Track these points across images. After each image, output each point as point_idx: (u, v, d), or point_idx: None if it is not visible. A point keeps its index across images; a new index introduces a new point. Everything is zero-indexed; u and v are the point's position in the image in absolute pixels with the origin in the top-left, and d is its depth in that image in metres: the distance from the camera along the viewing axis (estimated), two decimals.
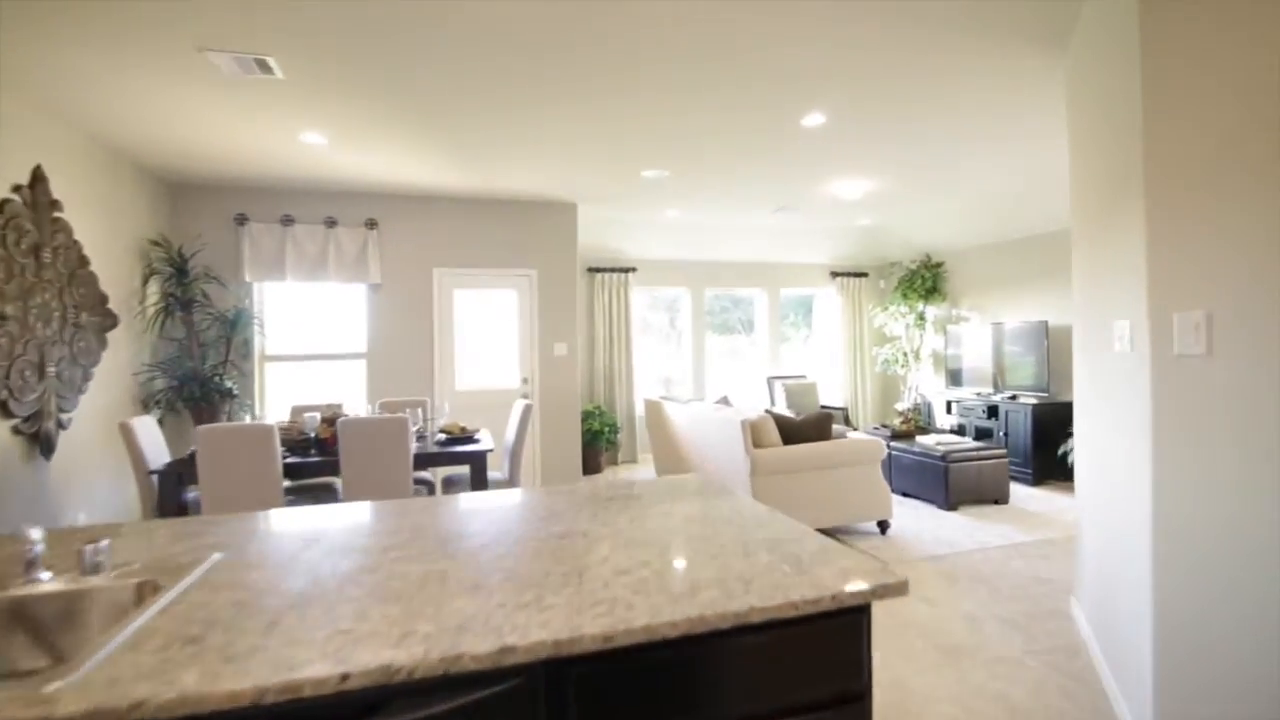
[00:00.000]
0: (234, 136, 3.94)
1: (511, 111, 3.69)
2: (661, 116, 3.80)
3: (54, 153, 3.67)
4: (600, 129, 3.98)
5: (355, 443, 3.43)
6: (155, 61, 3.01)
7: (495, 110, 3.67)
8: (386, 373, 5.53)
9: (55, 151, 3.68)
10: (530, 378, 5.88)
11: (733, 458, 4.20)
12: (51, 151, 3.65)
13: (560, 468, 5.94)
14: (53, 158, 3.66)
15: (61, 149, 3.74)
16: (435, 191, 5.44)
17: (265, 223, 5.22)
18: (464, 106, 3.60)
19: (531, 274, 5.86)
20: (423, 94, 3.42)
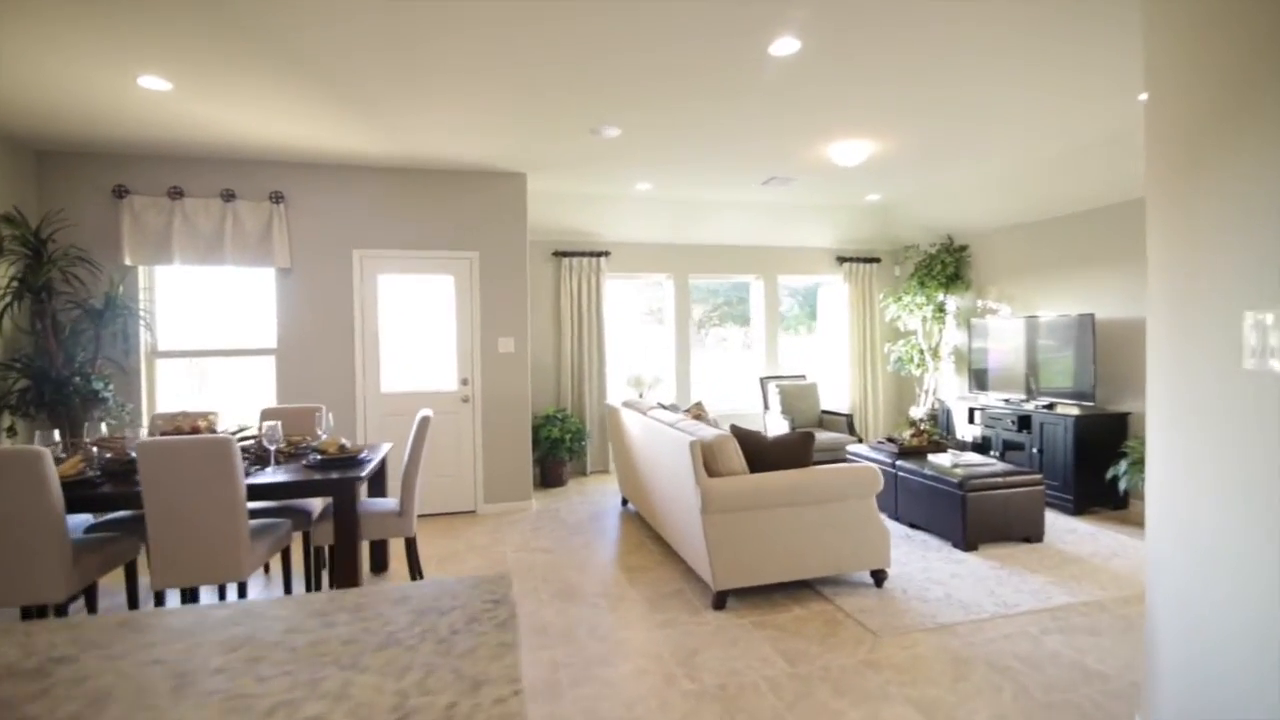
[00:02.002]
0: (58, 78, 3.12)
1: (401, 49, 2.81)
2: (592, 53, 2.88)
3: None
4: (517, 73, 3.08)
5: (161, 471, 2.59)
6: None
7: (379, 48, 2.78)
8: (299, 371, 4.73)
9: None
10: (471, 378, 5.02)
11: (685, 488, 3.29)
12: None
13: (507, 482, 5.09)
14: None
15: None
16: (352, 160, 4.59)
17: (150, 195, 4.43)
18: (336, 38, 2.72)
19: (472, 257, 4.99)
20: (277, 25, 2.55)
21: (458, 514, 4.99)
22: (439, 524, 4.75)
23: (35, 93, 3.29)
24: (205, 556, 2.68)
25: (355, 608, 1.14)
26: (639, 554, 4.01)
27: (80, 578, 2.67)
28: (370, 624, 1.08)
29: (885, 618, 2.99)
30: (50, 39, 2.73)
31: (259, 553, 2.84)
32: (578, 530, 4.54)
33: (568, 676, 2.56)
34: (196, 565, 2.68)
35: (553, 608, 3.23)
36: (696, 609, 3.16)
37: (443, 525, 4.71)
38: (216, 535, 2.68)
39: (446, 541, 4.34)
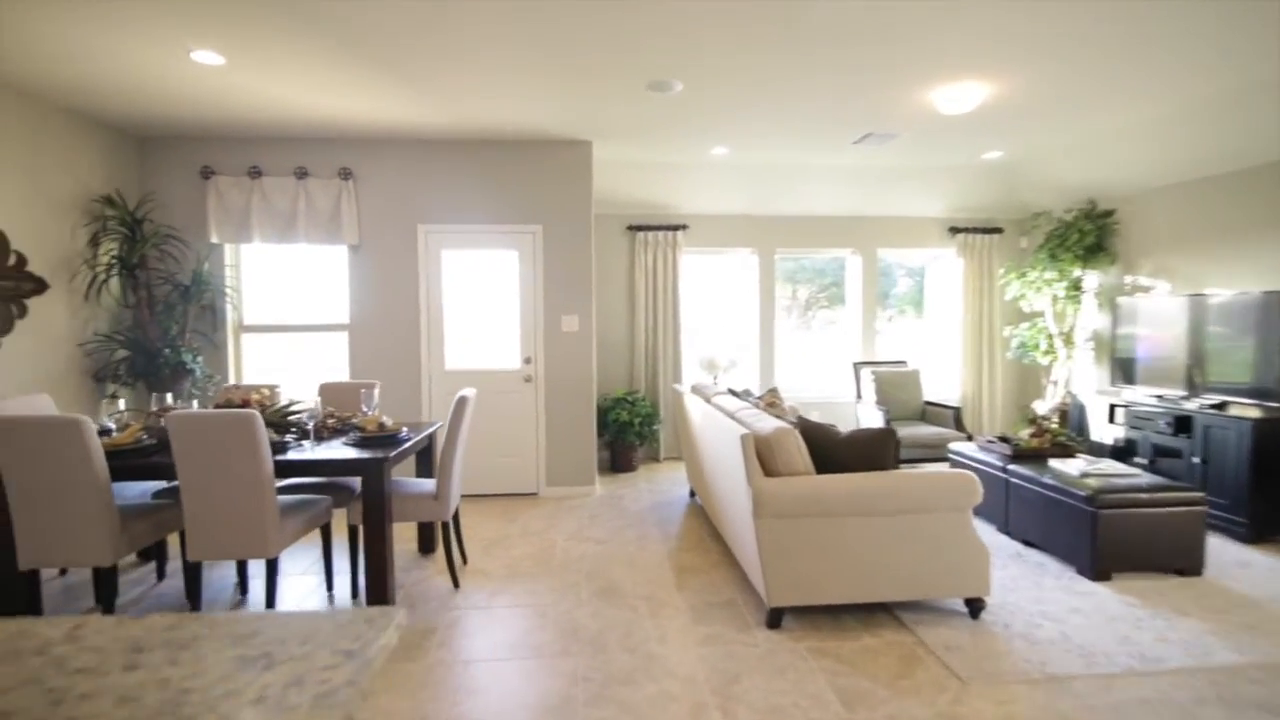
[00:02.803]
0: (120, 56, 3.20)
1: (441, 8, 2.59)
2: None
3: None
4: (564, 22, 2.76)
5: (192, 444, 2.58)
6: None
7: (421, 13, 2.58)
8: (368, 347, 4.77)
9: None
10: (534, 357, 4.85)
11: (738, 486, 2.89)
12: None
13: (570, 465, 4.89)
14: None
15: None
16: (415, 133, 4.51)
17: (232, 176, 4.59)
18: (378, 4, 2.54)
19: (535, 230, 4.79)
20: None
21: (519, 496, 4.87)
22: (499, 505, 4.64)
23: (105, 75, 3.40)
24: (233, 531, 2.66)
25: (178, 645, 0.89)
26: (695, 553, 3.65)
27: (129, 543, 2.73)
28: (166, 673, 0.82)
29: (978, 659, 2.45)
30: (102, 16, 2.76)
31: (289, 530, 2.78)
32: (636, 521, 4.25)
33: (584, 693, 2.28)
34: (226, 539, 2.66)
35: (589, 607, 2.96)
36: (746, 625, 2.76)
37: (502, 507, 4.60)
38: (243, 510, 2.64)
39: (500, 524, 4.20)
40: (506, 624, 2.82)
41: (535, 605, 3.00)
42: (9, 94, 3.60)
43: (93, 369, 4.17)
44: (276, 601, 3.05)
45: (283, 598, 3.12)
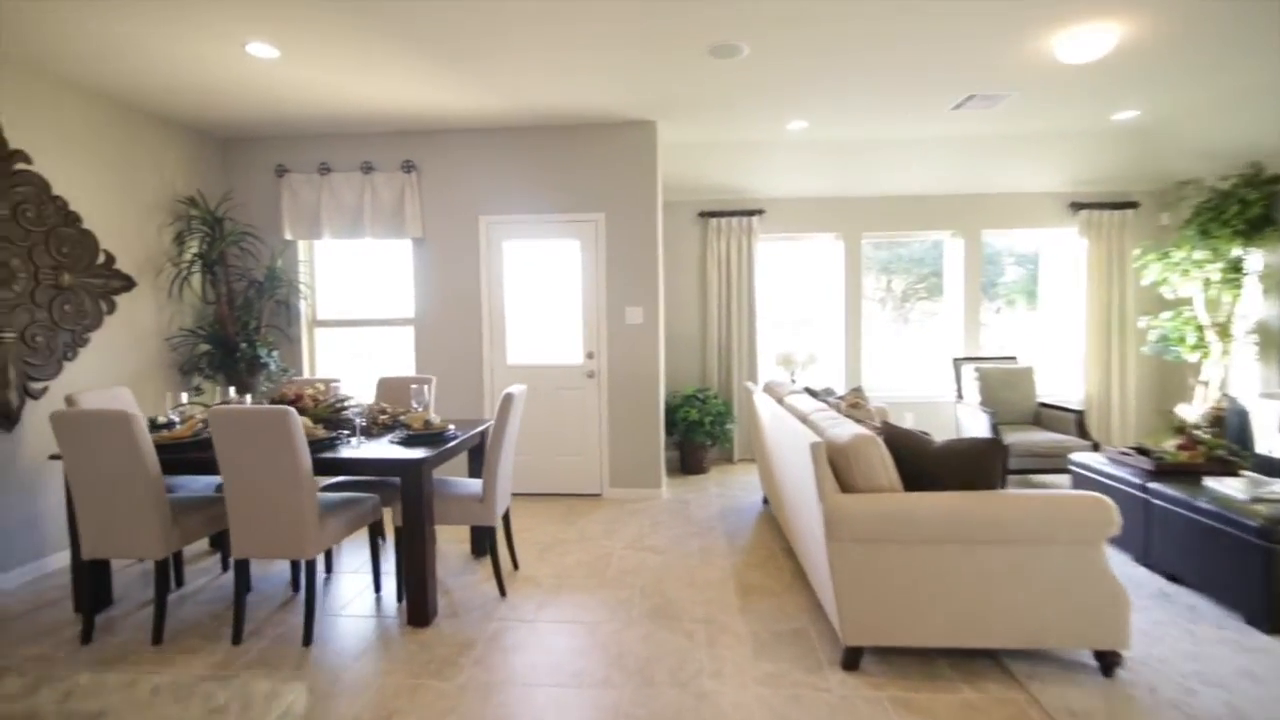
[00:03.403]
0: (176, 51, 3.23)
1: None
2: None
3: (20, 99, 3.31)
4: None
5: (231, 440, 2.52)
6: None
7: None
8: (433, 342, 4.72)
9: (23, 98, 3.32)
10: (596, 351, 4.62)
11: (809, 500, 2.50)
12: (13, 98, 3.28)
13: (635, 466, 4.63)
14: (18, 105, 3.30)
15: (34, 96, 3.38)
16: (474, 122, 4.38)
17: (304, 173, 4.66)
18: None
19: (598, 218, 4.55)
20: None
21: (582, 496, 4.67)
22: (560, 506, 4.45)
23: (165, 72, 3.47)
24: (273, 529, 2.58)
25: None
26: (764, 570, 3.28)
27: (181, 536, 2.73)
28: None
29: None
30: (157, 10, 2.76)
31: (331, 530, 2.69)
32: (703, 529, 3.93)
33: None
34: (267, 537, 2.59)
35: (639, 629, 2.68)
36: (818, 663, 2.38)
37: (563, 508, 4.41)
38: (282, 509, 2.55)
39: (558, 527, 4.01)
40: (549, 642, 2.59)
41: (583, 622, 2.76)
42: (107, 103, 3.77)
43: (178, 362, 4.34)
44: (317, 604, 2.98)
45: (332, 597, 3.05)
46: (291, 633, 2.72)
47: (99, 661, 2.52)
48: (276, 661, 2.50)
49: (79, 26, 2.91)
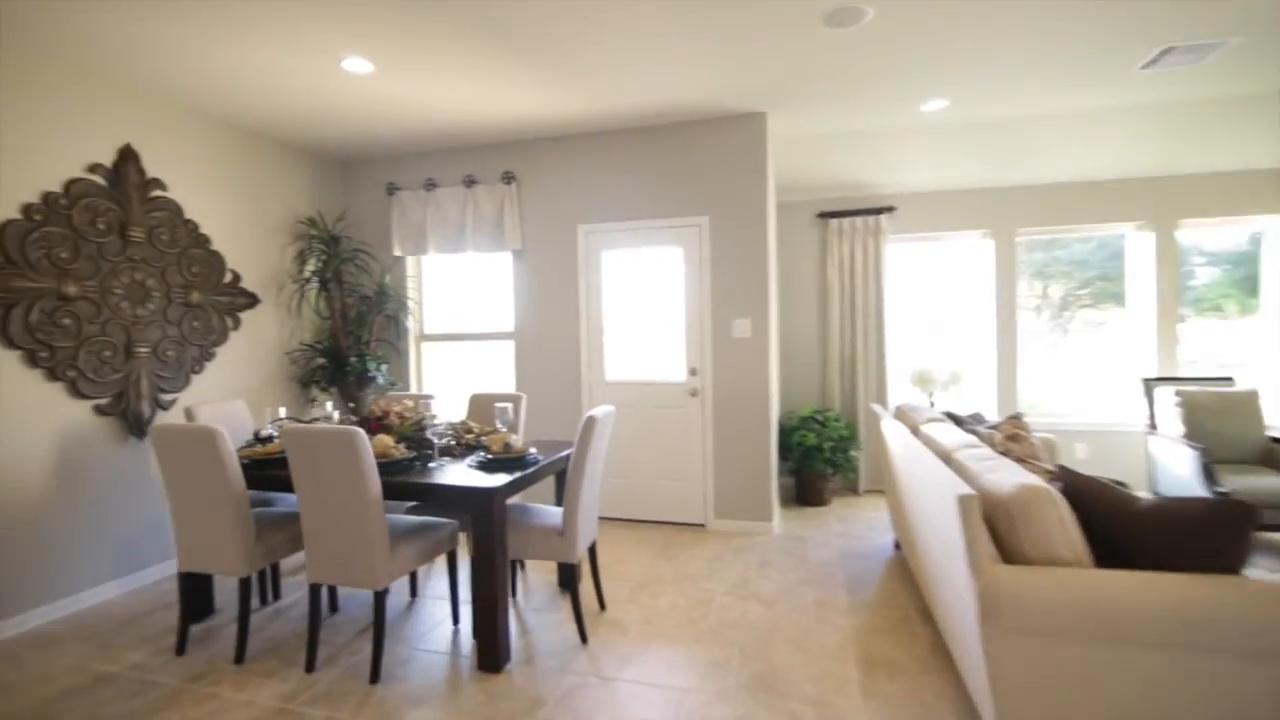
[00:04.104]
0: (278, 72, 3.30)
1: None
2: None
3: (156, 130, 3.56)
4: None
5: (303, 460, 2.41)
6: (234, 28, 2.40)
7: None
8: (531, 357, 4.57)
9: (159, 129, 3.57)
10: (700, 368, 4.22)
11: (954, 566, 1.93)
12: (151, 129, 3.53)
13: (743, 495, 4.15)
14: (155, 135, 3.55)
15: (169, 127, 3.62)
16: (572, 127, 4.19)
17: (412, 190, 4.73)
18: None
19: (701, 222, 4.17)
20: None
21: (683, 527, 4.27)
22: (659, 536, 4.08)
23: (264, 90, 3.56)
24: (343, 555, 2.44)
25: None
26: (895, 637, 2.69)
27: (264, 555, 2.68)
28: None
29: None
30: (260, 30, 2.79)
31: (403, 559, 2.51)
32: (820, 575, 3.38)
33: None
34: (337, 563, 2.46)
35: (734, 705, 2.23)
36: None
37: (662, 539, 4.03)
38: (351, 534, 2.41)
39: (655, 561, 3.63)
40: (627, 711, 2.22)
41: (669, 687, 2.36)
42: (234, 130, 4.01)
43: (297, 375, 4.52)
44: (394, 633, 2.82)
45: (411, 625, 2.89)
46: (364, 664, 2.57)
47: (184, 677, 2.51)
48: (341, 698, 2.34)
49: (196, 54, 3.03)
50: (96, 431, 3.29)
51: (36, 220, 3.00)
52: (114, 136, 3.35)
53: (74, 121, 3.18)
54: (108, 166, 3.32)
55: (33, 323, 2.98)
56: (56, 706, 2.34)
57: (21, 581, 2.97)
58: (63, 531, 3.13)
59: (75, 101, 3.19)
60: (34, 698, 2.40)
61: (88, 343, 3.20)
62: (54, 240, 3.06)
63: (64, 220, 3.11)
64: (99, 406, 3.29)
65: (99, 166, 3.28)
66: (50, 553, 3.08)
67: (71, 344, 3.14)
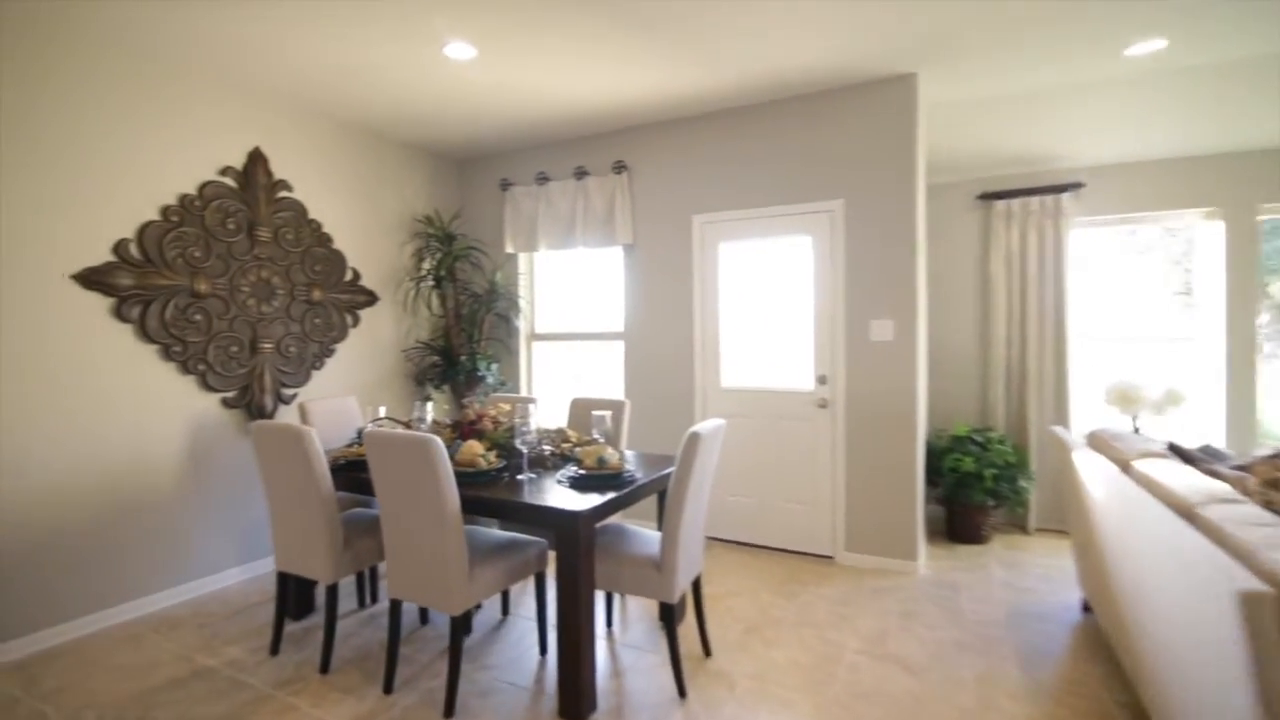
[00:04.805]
0: (380, 59, 3.23)
1: None
2: None
3: (283, 133, 3.67)
4: None
5: (382, 467, 2.24)
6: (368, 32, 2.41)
7: None
8: (641, 358, 4.24)
9: (285, 132, 3.68)
10: (831, 375, 3.65)
11: (1219, 680, 1.29)
12: (279, 132, 3.64)
13: (880, 527, 3.53)
14: (282, 138, 3.65)
15: (294, 130, 3.73)
16: (687, 107, 3.80)
17: (524, 185, 4.59)
18: None
19: (834, 208, 3.60)
20: None
21: (808, 558, 3.72)
22: (779, 567, 3.58)
23: (367, 82, 3.51)
24: (421, 572, 2.23)
25: None
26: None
27: (352, 561, 2.56)
28: None
29: None
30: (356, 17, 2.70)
31: (483, 582, 2.26)
32: (981, 639, 2.71)
33: None
34: (415, 580, 2.26)
35: None
36: None
37: (783, 571, 3.52)
38: (427, 550, 2.19)
39: (772, 598, 3.14)
40: None
41: None
42: (356, 131, 4.08)
43: (413, 373, 4.55)
44: (479, 656, 2.59)
45: (496, 650, 2.66)
46: (442, 691, 2.35)
47: (272, 681, 2.44)
48: None
49: (309, 51, 3.02)
50: (223, 423, 3.42)
51: (173, 221, 3.15)
52: (244, 140, 3.48)
53: (208, 126, 3.32)
54: (238, 169, 3.44)
55: (168, 319, 3.13)
56: (153, 698, 2.35)
57: (155, 563, 3.12)
58: (192, 518, 3.27)
59: (210, 106, 3.33)
60: (137, 686, 2.43)
61: (216, 338, 3.33)
62: (188, 240, 3.20)
63: (197, 221, 3.25)
64: (226, 399, 3.41)
65: (230, 169, 3.40)
66: (180, 537, 3.22)
67: (202, 339, 3.27)
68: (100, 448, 2.93)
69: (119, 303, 2.97)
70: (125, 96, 3.00)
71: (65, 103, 2.81)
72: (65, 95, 2.81)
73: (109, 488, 2.96)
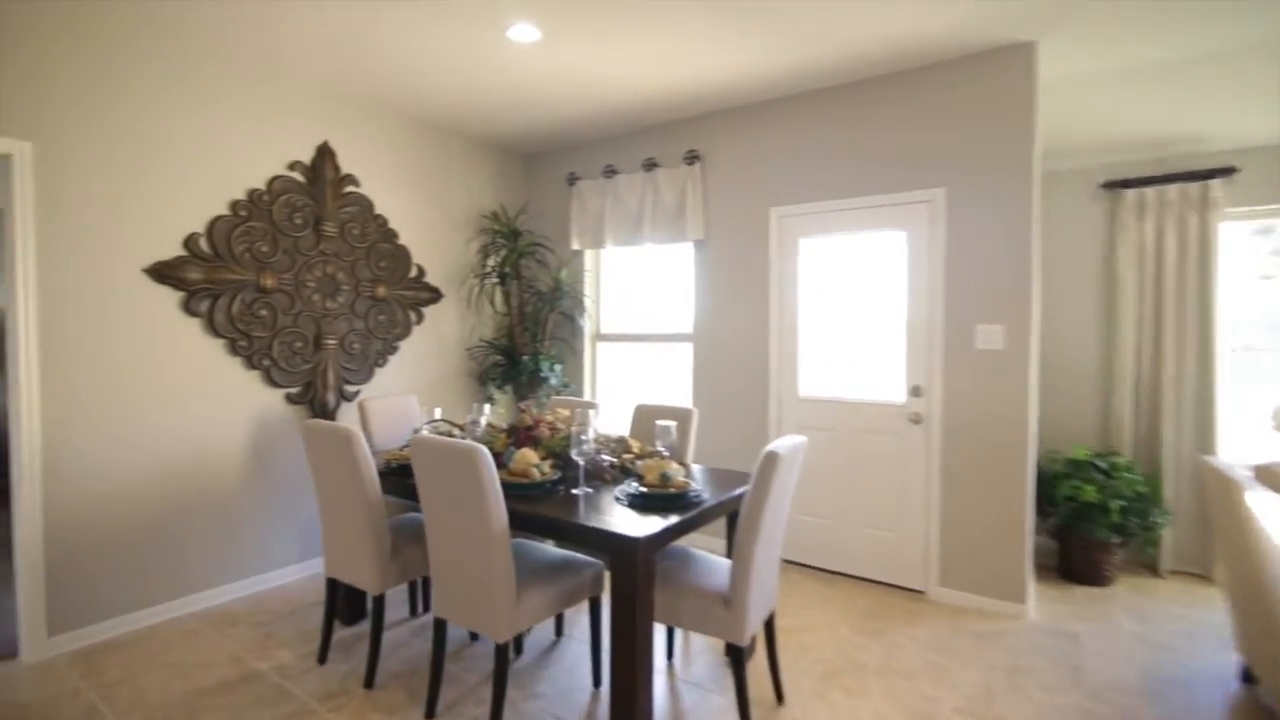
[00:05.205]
0: (442, 44, 3.09)
1: None
2: None
3: (351, 127, 3.63)
4: None
5: (428, 476, 2.07)
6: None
7: None
8: (711, 362, 3.96)
9: (353, 126, 3.64)
10: (926, 386, 3.25)
11: None
12: (346, 126, 3.60)
13: (980, 561, 3.10)
14: (349, 132, 3.62)
15: (362, 124, 3.68)
16: (765, 90, 3.48)
17: (591, 179, 4.40)
18: None
19: (933, 197, 3.19)
20: None
21: (897, 590, 3.32)
22: (863, 599, 3.21)
23: (431, 71, 3.38)
24: (466, 591, 2.05)
25: None
26: None
27: (399, 572, 2.43)
28: None
29: None
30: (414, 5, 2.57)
31: (531, 607, 2.05)
32: (1113, 710, 2.27)
33: None
34: (460, 600, 2.08)
35: None
36: None
37: (867, 604, 3.15)
38: (472, 569, 2.01)
39: (855, 638, 2.79)
40: None
41: None
42: (422, 126, 4.01)
43: (476, 372, 4.45)
44: (527, 683, 2.38)
45: (546, 679, 2.45)
46: (487, 718, 2.17)
47: (316, 693, 2.33)
48: None
49: (373, 42, 2.92)
50: (287, 419, 3.40)
51: (241, 216, 3.14)
52: (313, 134, 3.45)
53: (280, 121, 3.31)
54: (306, 164, 3.42)
55: (234, 313, 3.12)
56: (200, 702, 2.28)
57: (217, 558, 3.12)
58: (254, 514, 3.26)
59: (281, 101, 3.31)
60: (188, 686, 2.38)
61: (281, 333, 3.31)
62: (255, 235, 3.19)
63: (265, 215, 3.23)
64: (289, 395, 3.39)
65: (298, 164, 3.38)
66: (242, 533, 3.21)
67: (267, 334, 3.26)
68: (167, 440, 2.94)
69: (188, 296, 2.98)
70: (203, 93, 3.01)
71: (146, 100, 2.83)
72: (148, 93, 2.83)
73: (175, 480, 2.97)
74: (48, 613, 2.61)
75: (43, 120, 2.56)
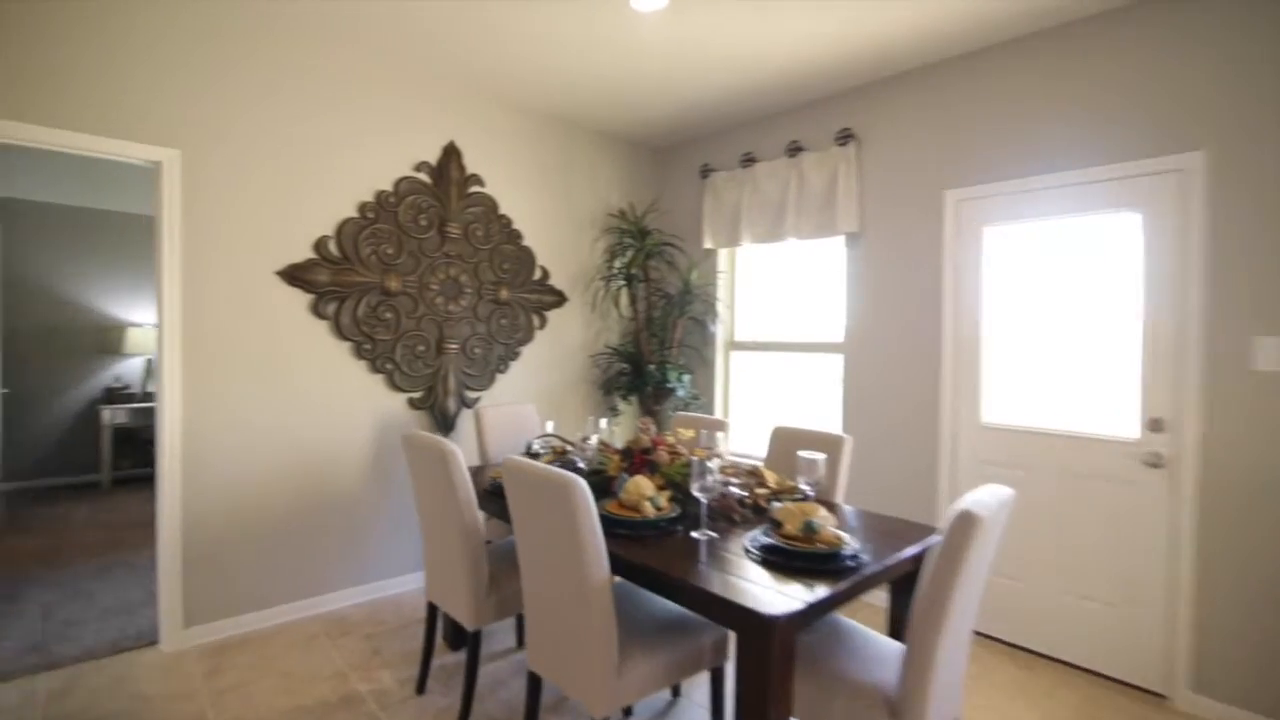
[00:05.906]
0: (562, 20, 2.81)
1: None
2: None
3: (475, 126, 3.51)
4: None
5: (521, 506, 1.76)
6: None
7: None
8: (867, 377, 3.35)
9: (478, 125, 3.52)
10: (1172, 419, 2.41)
11: None
12: (471, 125, 3.49)
13: (1260, 666, 2.22)
14: (474, 131, 3.50)
15: (486, 122, 3.56)
16: (938, 49, 2.83)
17: (727, 170, 3.97)
18: None
19: (1186, 165, 2.36)
20: None
21: (1123, 689, 2.50)
22: (1072, 694, 2.45)
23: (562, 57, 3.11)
24: (560, 648, 1.71)
25: None
26: None
27: (497, 608, 2.16)
28: None
29: None
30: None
31: (637, 678, 1.66)
32: None
33: None
34: (555, 656, 1.74)
35: None
36: None
37: (1081, 702, 2.39)
38: (568, 624, 1.66)
39: None
40: None
41: None
42: (546, 121, 3.83)
43: (600, 380, 4.19)
44: None
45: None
46: None
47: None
48: None
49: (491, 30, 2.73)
50: (410, 424, 3.33)
51: (369, 218, 3.11)
52: (440, 134, 3.37)
53: (409, 122, 3.26)
54: (432, 164, 3.34)
55: (359, 316, 3.09)
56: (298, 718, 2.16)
57: (339, 560, 3.09)
58: (375, 519, 3.21)
59: (411, 102, 3.26)
60: (291, 702, 2.28)
61: (404, 337, 3.24)
62: (381, 237, 3.14)
63: (391, 217, 3.18)
64: (412, 400, 3.32)
65: (424, 164, 3.31)
66: (363, 538, 3.17)
67: (390, 337, 3.20)
68: (297, 441, 2.95)
69: (317, 299, 2.98)
70: (337, 94, 3.02)
71: (285, 104, 2.87)
72: (286, 97, 2.86)
73: (304, 481, 2.98)
74: (184, 604, 2.68)
75: (189, 127, 2.64)
